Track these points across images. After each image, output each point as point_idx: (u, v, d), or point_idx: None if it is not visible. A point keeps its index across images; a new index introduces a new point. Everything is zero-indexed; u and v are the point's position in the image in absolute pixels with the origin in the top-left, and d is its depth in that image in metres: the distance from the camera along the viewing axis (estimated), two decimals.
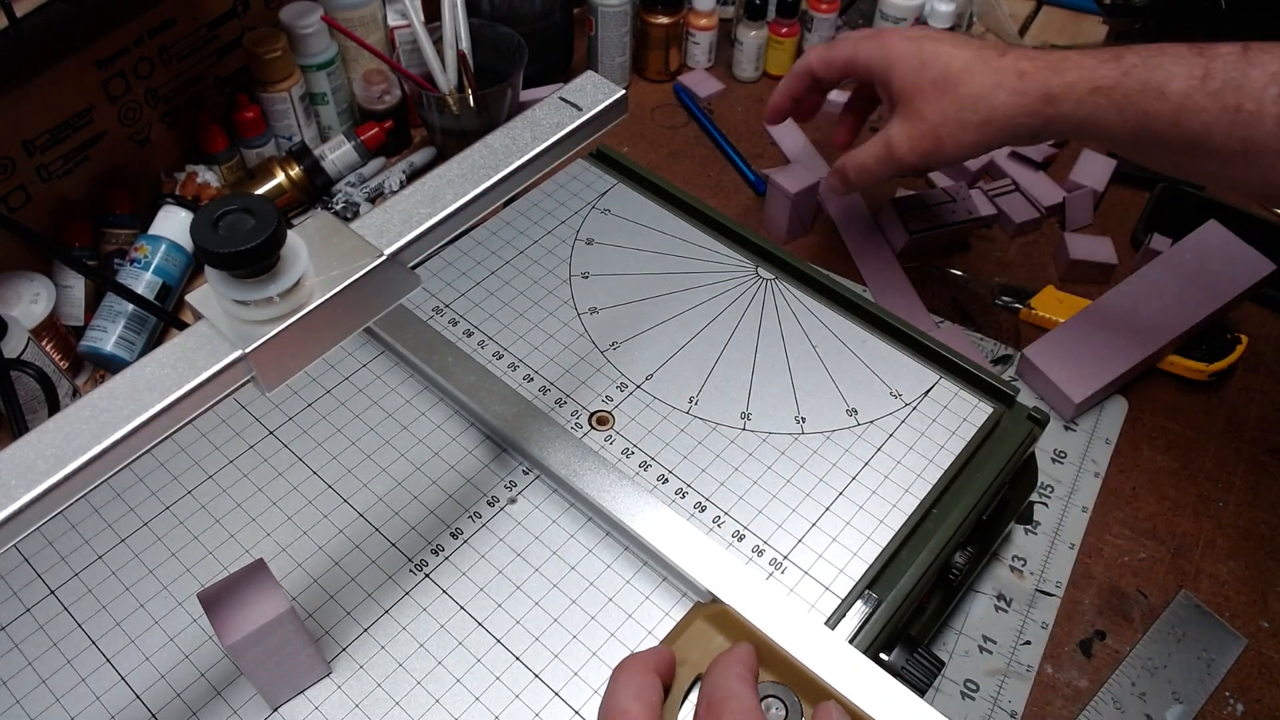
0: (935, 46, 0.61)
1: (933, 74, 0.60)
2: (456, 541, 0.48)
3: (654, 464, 0.51)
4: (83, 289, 0.71)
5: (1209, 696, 0.56)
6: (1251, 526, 0.63)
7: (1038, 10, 1.03)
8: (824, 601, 0.46)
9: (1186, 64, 0.53)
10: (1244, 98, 0.51)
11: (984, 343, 0.73)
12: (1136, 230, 0.80)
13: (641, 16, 0.90)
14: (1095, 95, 0.55)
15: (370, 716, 0.43)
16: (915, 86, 0.61)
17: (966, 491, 0.51)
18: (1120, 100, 0.54)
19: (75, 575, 0.47)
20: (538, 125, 0.41)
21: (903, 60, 0.62)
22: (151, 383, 0.32)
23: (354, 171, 0.82)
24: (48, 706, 0.43)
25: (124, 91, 0.72)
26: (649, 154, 0.88)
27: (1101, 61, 0.55)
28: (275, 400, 0.53)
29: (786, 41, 0.93)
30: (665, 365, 0.56)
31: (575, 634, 0.45)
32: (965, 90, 0.59)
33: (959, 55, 0.60)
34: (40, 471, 0.30)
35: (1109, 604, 0.60)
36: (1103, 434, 0.68)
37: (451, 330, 0.57)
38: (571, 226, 0.63)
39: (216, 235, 0.32)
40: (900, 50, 0.62)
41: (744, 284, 0.60)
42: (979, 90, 0.59)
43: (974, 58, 0.59)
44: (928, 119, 0.61)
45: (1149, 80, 0.54)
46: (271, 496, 0.50)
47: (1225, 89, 0.51)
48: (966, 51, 0.60)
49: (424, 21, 0.78)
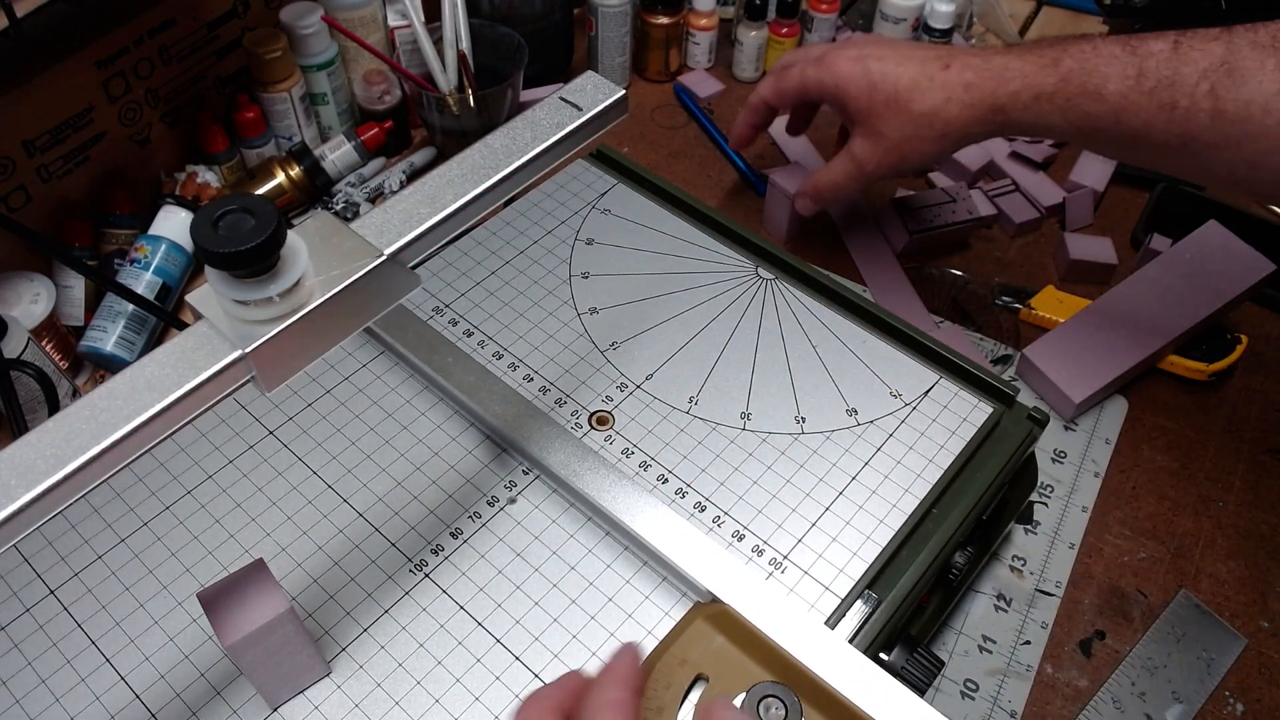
0: (880, 66, 0.63)
1: (883, 95, 0.63)
2: (456, 541, 0.48)
3: (654, 464, 0.51)
4: (83, 289, 0.71)
5: (1209, 696, 0.56)
6: (1251, 526, 0.63)
7: (1038, 10, 1.03)
8: (824, 601, 0.46)
9: (1120, 64, 0.55)
10: (1177, 95, 0.53)
11: (984, 343, 0.73)
12: (1136, 230, 0.80)
13: (641, 16, 0.90)
14: (1038, 102, 0.58)
15: (370, 716, 0.43)
16: (869, 108, 0.64)
17: (966, 491, 0.51)
18: (1062, 105, 0.57)
19: (75, 575, 0.47)
20: (538, 125, 0.41)
21: (851, 83, 0.64)
22: (151, 383, 0.32)
23: (354, 171, 0.82)
24: (48, 706, 0.43)
25: (124, 91, 0.72)
26: (649, 154, 0.88)
27: (1041, 68, 0.58)
28: (275, 400, 0.53)
29: (787, 42, 0.93)
30: (665, 365, 0.56)
31: (575, 634, 0.45)
32: (917, 109, 0.62)
33: (905, 73, 0.62)
34: (40, 471, 0.30)
35: (1109, 604, 0.60)
36: (1103, 434, 0.68)
37: (451, 330, 0.57)
38: (571, 226, 0.63)
39: (216, 235, 0.32)
40: (846, 73, 0.65)
41: (744, 284, 0.60)
42: (930, 108, 0.62)
43: (919, 74, 0.62)
44: (888, 137, 0.64)
45: (1086, 84, 0.56)
46: (271, 496, 0.50)
47: (1159, 87, 0.54)
48: (911, 68, 0.62)
49: (424, 21, 0.78)
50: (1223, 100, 0.52)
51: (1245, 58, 0.52)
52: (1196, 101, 0.53)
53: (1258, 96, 0.51)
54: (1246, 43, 0.52)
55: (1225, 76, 0.52)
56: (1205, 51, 0.53)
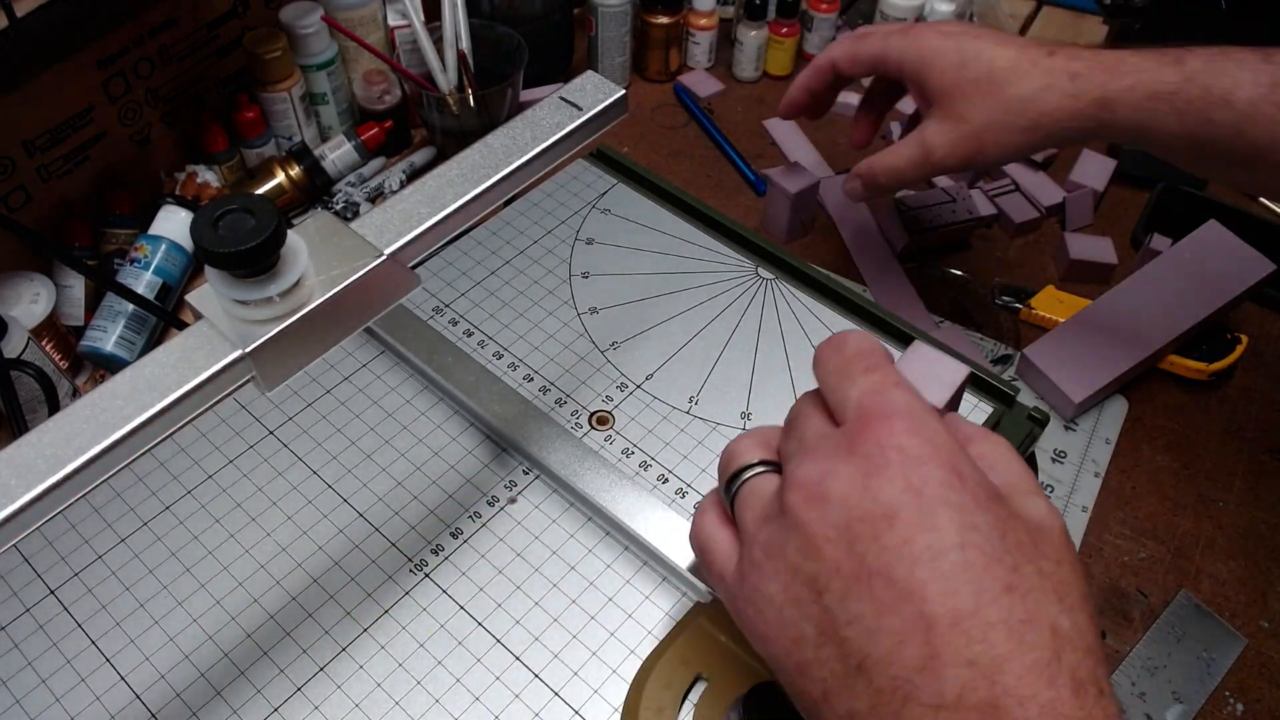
0: (976, 44, 0.57)
1: (975, 74, 0.56)
2: (456, 541, 0.48)
3: (654, 464, 0.51)
4: (83, 289, 0.71)
5: (1209, 696, 0.56)
6: (1251, 526, 0.63)
7: (1038, 10, 1.03)
8: None
9: (1253, 70, 0.50)
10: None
11: (984, 343, 0.73)
12: (1136, 230, 0.80)
13: (641, 16, 0.90)
14: (1154, 101, 0.52)
15: (370, 716, 0.43)
16: (956, 87, 0.57)
17: None
18: (1181, 107, 0.51)
19: (75, 575, 0.47)
20: (538, 125, 0.41)
21: (940, 58, 0.57)
22: (151, 383, 0.32)
23: (354, 171, 0.82)
24: (47, 706, 0.43)
25: (124, 91, 0.72)
26: (649, 154, 0.88)
27: (1161, 65, 0.52)
28: (275, 400, 0.53)
29: (787, 41, 0.93)
30: (665, 365, 0.56)
31: (575, 634, 0.45)
32: (1013, 92, 0.55)
33: (1003, 54, 0.56)
34: (40, 471, 0.30)
35: (1109, 604, 0.60)
36: (1103, 434, 0.68)
37: (451, 330, 0.57)
38: (571, 226, 0.63)
39: (216, 235, 0.32)
40: (936, 47, 0.58)
41: (744, 284, 0.60)
42: (1028, 92, 0.55)
43: (1020, 56, 0.55)
44: (970, 121, 0.57)
45: (1213, 87, 0.50)
46: (271, 496, 0.50)
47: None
48: (1011, 50, 0.56)
49: (424, 21, 0.78)
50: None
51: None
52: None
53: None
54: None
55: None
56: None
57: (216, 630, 0.45)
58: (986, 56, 0.56)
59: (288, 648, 0.45)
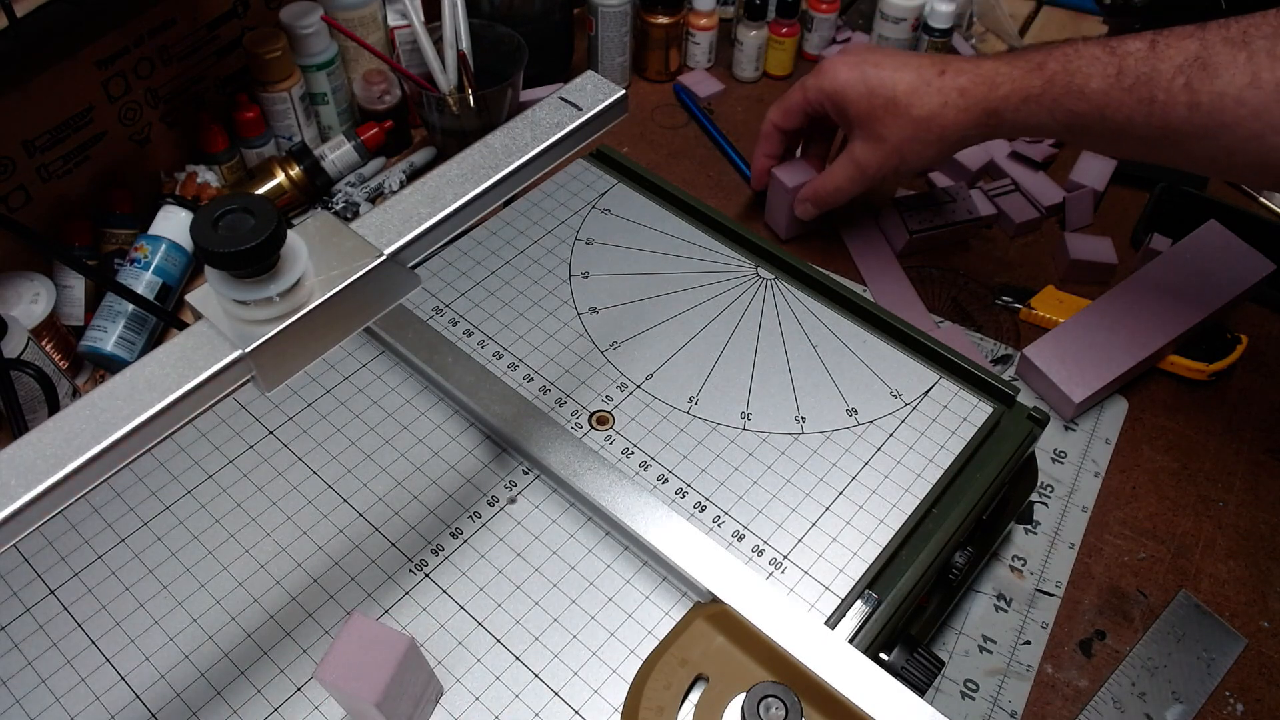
0: (877, 72, 0.66)
1: (882, 100, 0.66)
2: (456, 541, 0.48)
3: (654, 464, 0.51)
4: (83, 289, 0.71)
5: (1209, 696, 0.56)
6: (1251, 526, 0.63)
7: (1038, 10, 1.03)
8: (824, 601, 0.46)
9: (1101, 64, 0.58)
10: (1155, 90, 0.56)
11: (984, 343, 0.73)
12: (1136, 230, 0.80)
13: (641, 16, 0.90)
14: (1028, 104, 0.61)
15: None
16: (869, 113, 0.67)
17: (966, 491, 0.51)
18: (1050, 105, 0.60)
19: (75, 575, 0.47)
20: (538, 125, 0.41)
21: (850, 89, 0.67)
22: (151, 383, 0.32)
23: (354, 171, 0.82)
24: (47, 706, 0.43)
25: (124, 91, 0.72)
26: (649, 154, 0.88)
27: (1028, 72, 0.61)
28: (275, 400, 0.53)
29: (787, 41, 0.93)
30: (665, 365, 0.56)
31: (575, 634, 0.45)
32: (916, 113, 0.65)
33: (903, 78, 0.65)
34: (40, 471, 0.30)
35: (1109, 604, 0.60)
36: (1103, 434, 0.68)
37: (451, 330, 0.57)
38: (571, 226, 0.63)
39: (216, 235, 0.32)
40: (845, 80, 0.67)
41: (744, 284, 0.60)
42: (928, 112, 0.64)
43: (917, 79, 0.65)
44: (888, 140, 0.67)
45: (1070, 85, 0.59)
46: (271, 496, 0.50)
47: (1138, 84, 0.56)
48: (909, 73, 0.65)
49: (424, 21, 0.78)
50: (1198, 93, 0.54)
51: (1218, 53, 0.54)
52: (1173, 95, 0.55)
53: (1230, 89, 0.53)
54: (1219, 38, 0.54)
55: (1199, 71, 0.54)
56: (1180, 48, 0.55)
57: (216, 630, 0.45)
58: (889, 82, 0.66)
59: (288, 648, 0.45)
